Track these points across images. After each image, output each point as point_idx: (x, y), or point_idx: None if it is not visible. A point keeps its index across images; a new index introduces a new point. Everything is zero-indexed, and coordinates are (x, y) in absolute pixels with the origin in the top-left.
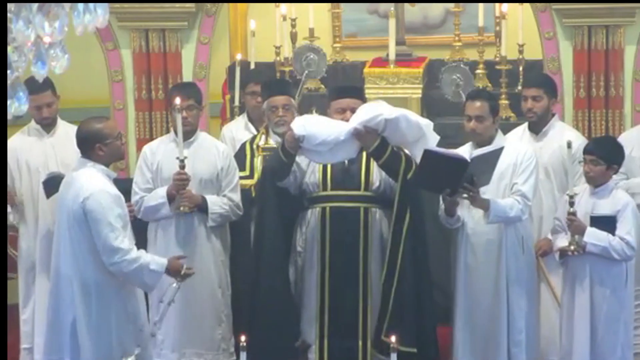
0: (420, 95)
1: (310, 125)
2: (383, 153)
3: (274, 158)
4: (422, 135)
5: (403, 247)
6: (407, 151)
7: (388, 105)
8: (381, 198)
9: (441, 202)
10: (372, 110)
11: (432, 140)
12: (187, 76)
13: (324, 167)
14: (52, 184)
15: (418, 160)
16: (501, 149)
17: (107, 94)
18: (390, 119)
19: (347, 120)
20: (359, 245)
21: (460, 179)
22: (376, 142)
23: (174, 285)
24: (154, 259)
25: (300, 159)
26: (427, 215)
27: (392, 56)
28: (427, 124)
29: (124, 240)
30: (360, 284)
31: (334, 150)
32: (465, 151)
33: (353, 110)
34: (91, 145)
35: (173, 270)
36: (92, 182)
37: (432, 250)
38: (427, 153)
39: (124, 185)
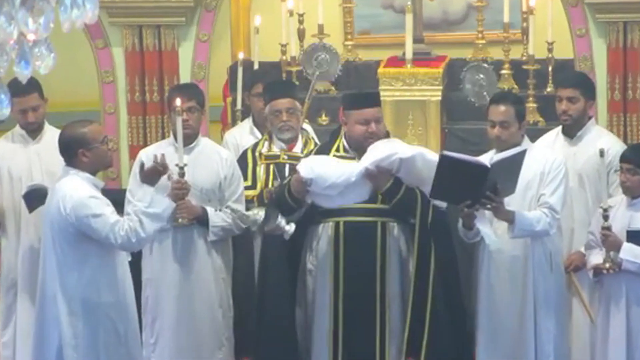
0: (439, 98)
1: (318, 167)
2: (396, 193)
3: (280, 198)
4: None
5: (433, 268)
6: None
7: (402, 143)
8: (397, 212)
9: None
10: (386, 149)
11: None
12: (185, 77)
13: None
14: (34, 197)
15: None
16: (524, 152)
17: (97, 97)
18: (406, 158)
19: (372, 133)
20: (376, 264)
21: (481, 187)
22: (389, 182)
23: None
24: (139, 199)
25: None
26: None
27: (409, 55)
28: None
29: (123, 225)
30: (377, 306)
31: (344, 193)
32: (488, 159)
33: (378, 121)
34: (74, 151)
35: (150, 175)
36: (76, 191)
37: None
38: (444, 158)
39: (115, 196)
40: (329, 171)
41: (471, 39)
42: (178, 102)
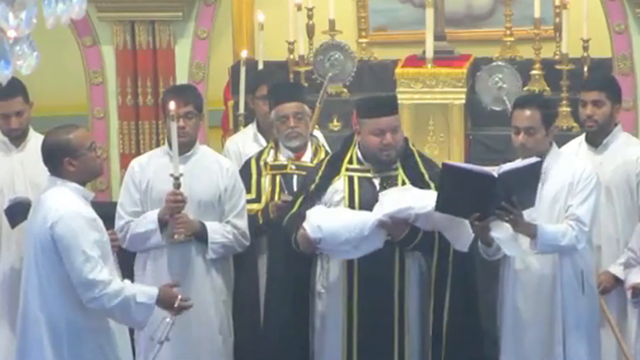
0: (463, 101)
1: (327, 224)
2: (412, 240)
3: (288, 239)
4: (461, 222)
5: (450, 290)
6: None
7: (417, 191)
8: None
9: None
10: (400, 202)
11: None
12: (182, 78)
13: (351, 189)
14: (17, 211)
15: (456, 246)
16: (538, 162)
17: (85, 100)
18: (422, 213)
19: (387, 144)
20: (394, 284)
21: (490, 199)
22: (404, 233)
23: (167, 319)
24: (142, 290)
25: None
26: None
27: (429, 54)
28: None
29: (103, 270)
30: (395, 332)
31: (357, 245)
32: (508, 166)
33: (394, 130)
34: (59, 159)
35: (165, 301)
36: (62, 203)
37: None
38: (447, 169)
39: (105, 210)
40: (339, 227)
41: (498, 36)
42: (172, 106)
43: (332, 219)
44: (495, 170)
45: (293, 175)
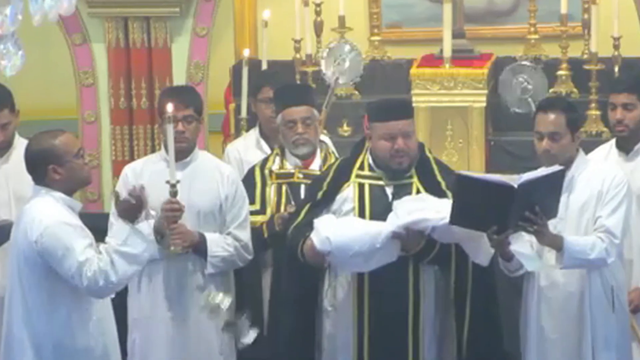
0: (484, 104)
1: (337, 236)
2: (428, 254)
3: (294, 251)
4: (481, 234)
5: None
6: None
7: (435, 200)
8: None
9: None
10: (416, 212)
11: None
12: (179, 78)
13: (361, 198)
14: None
15: (476, 260)
16: (559, 172)
17: (74, 103)
18: (439, 225)
19: (399, 150)
20: (408, 300)
21: (507, 211)
22: (420, 245)
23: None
24: (113, 235)
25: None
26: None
27: (447, 53)
28: None
29: (93, 260)
30: (409, 350)
31: (369, 258)
32: (528, 176)
33: (407, 136)
34: (44, 167)
35: (128, 210)
36: (46, 214)
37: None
38: (461, 180)
39: (96, 222)
40: (351, 238)
41: (522, 33)
42: (170, 108)
43: (342, 230)
44: (514, 181)
45: (300, 185)
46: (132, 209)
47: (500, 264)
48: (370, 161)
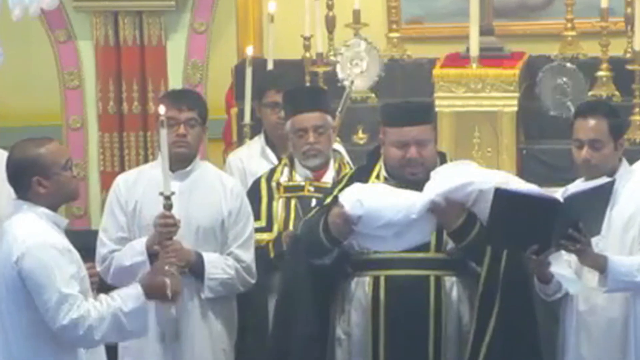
0: (515, 109)
1: (369, 199)
2: (467, 234)
3: (310, 236)
4: None
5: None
6: None
7: (477, 166)
8: (460, 262)
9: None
10: (459, 176)
11: None
12: (175, 80)
13: None
14: None
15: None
16: (608, 183)
17: (58, 107)
18: (486, 189)
19: (411, 160)
20: (429, 330)
21: (550, 228)
22: (460, 219)
23: (172, 311)
24: (124, 295)
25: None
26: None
27: (474, 51)
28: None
29: (80, 306)
30: None
31: (401, 233)
32: (575, 189)
33: (421, 144)
34: (27, 179)
35: (154, 291)
36: (29, 232)
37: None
38: (499, 194)
39: (83, 239)
40: (384, 205)
41: (558, 29)
42: (162, 110)
43: (375, 196)
44: (558, 194)
45: (312, 199)
46: (160, 294)
47: (537, 287)
48: (384, 171)
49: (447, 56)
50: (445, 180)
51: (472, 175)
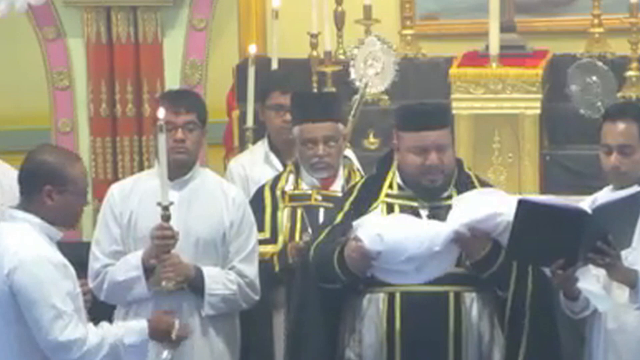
0: (538, 111)
1: (390, 234)
2: (492, 264)
3: (324, 266)
4: None
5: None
6: None
7: (503, 193)
8: (477, 278)
9: None
10: (485, 205)
11: None
12: (172, 80)
13: None
14: None
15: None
16: (639, 193)
17: (46, 109)
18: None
19: (432, 167)
20: (448, 351)
21: (577, 242)
22: (486, 249)
23: (164, 356)
24: (128, 328)
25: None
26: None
27: (494, 50)
28: None
29: (77, 326)
30: None
31: (422, 266)
32: (604, 199)
33: (441, 149)
34: (40, 183)
35: (160, 332)
36: (22, 244)
37: None
38: (524, 206)
39: (74, 252)
40: (405, 239)
41: (584, 26)
42: (162, 114)
43: (394, 228)
44: (584, 203)
45: (319, 208)
46: (164, 335)
47: (562, 304)
48: (399, 179)
49: (464, 55)
50: (470, 209)
51: (500, 205)
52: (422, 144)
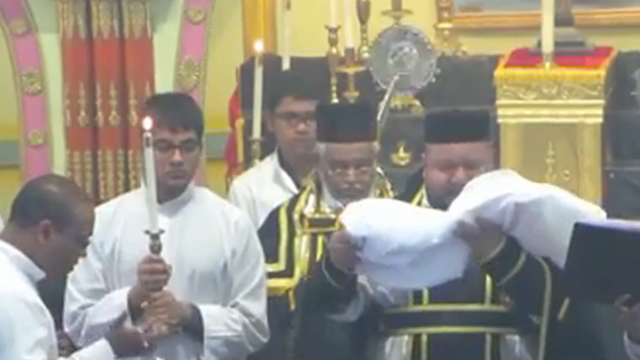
0: (600, 120)
1: (377, 219)
2: (509, 266)
3: (316, 282)
4: None
5: None
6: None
7: (519, 177)
8: (520, 316)
9: None
10: (492, 188)
11: None
12: (164, 83)
13: None
14: None
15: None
16: None
17: (14, 118)
18: (525, 203)
19: (457, 185)
20: None
21: None
22: (498, 246)
23: None
24: (88, 356)
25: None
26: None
27: (547, 47)
28: (595, 210)
29: None
30: None
31: (421, 264)
32: None
33: (469, 165)
34: (36, 216)
35: (127, 345)
36: (2, 283)
37: None
38: (581, 231)
39: (49, 288)
40: (395, 225)
41: None
42: (148, 124)
43: (386, 213)
44: None
45: None
46: (133, 347)
47: (627, 347)
48: (425, 199)
49: (512, 52)
50: (478, 195)
51: (508, 186)
52: (447, 158)
